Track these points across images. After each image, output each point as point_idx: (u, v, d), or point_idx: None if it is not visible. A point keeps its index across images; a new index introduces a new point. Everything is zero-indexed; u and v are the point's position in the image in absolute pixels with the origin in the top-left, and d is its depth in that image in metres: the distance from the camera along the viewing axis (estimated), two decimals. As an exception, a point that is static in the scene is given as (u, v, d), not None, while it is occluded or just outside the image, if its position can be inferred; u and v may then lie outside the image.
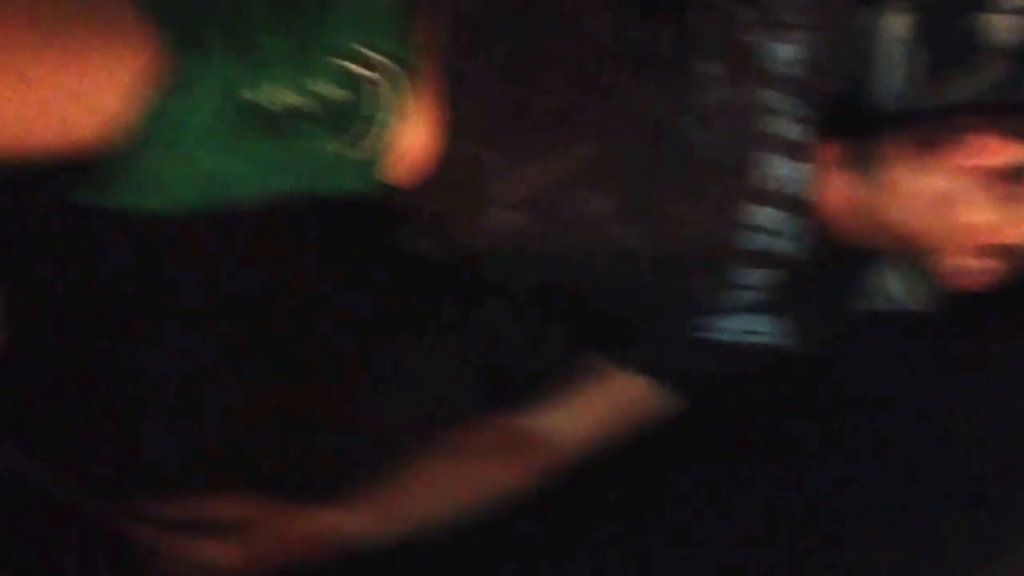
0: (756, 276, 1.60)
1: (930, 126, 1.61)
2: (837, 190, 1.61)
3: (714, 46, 1.57)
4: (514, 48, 1.49)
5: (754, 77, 1.58)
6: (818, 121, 1.62)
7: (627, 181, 1.53)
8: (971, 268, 1.60)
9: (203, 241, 1.64)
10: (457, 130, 1.47)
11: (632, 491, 1.73)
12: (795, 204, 1.59)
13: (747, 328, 1.65)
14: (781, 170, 1.58)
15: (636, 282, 1.59)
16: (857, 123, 1.68)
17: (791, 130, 1.59)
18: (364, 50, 1.37)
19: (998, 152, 1.52)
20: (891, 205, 1.57)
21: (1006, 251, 1.57)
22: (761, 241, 1.58)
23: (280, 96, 1.30)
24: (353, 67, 1.37)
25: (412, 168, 1.48)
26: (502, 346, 1.79)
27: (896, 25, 1.68)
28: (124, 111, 1.17)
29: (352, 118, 1.39)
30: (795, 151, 1.59)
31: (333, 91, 1.36)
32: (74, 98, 1.13)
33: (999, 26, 1.69)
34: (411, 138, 1.46)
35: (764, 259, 1.60)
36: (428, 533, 1.61)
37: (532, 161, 1.49)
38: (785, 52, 1.61)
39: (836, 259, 1.68)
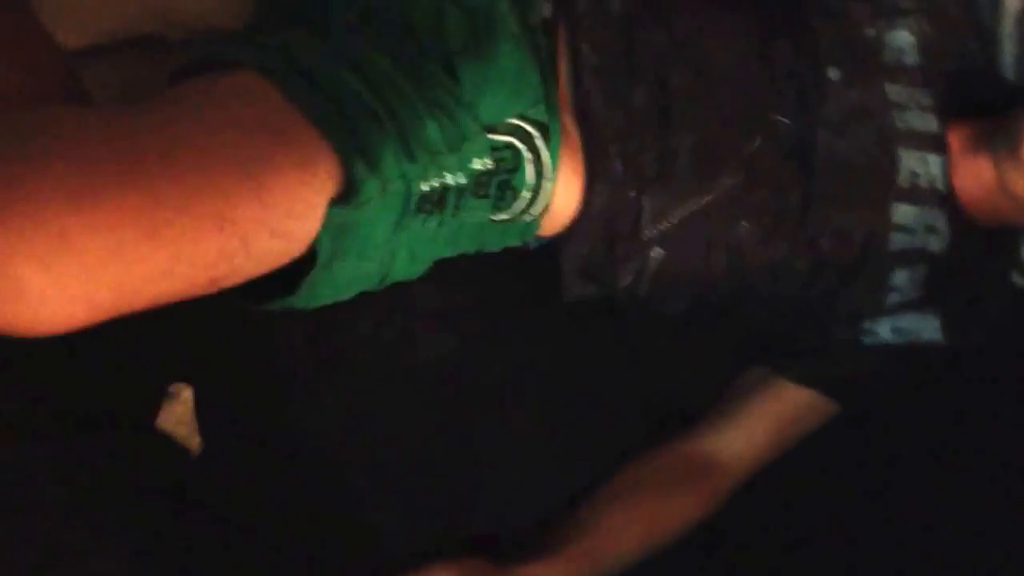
0: (908, 276, 1.61)
1: None
2: (974, 175, 1.60)
3: (836, 50, 1.59)
4: (649, 92, 1.51)
5: (877, 74, 1.60)
6: (946, 107, 1.62)
7: (774, 202, 1.54)
8: None
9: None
10: (604, 179, 1.49)
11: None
12: (939, 197, 1.59)
13: (902, 328, 1.65)
14: (922, 165, 1.59)
15: (793, 296, 1.60)
16: (983, 103, 1.67)
17: (924, 122, 1.59)
18: (516, 122, 1.40)
19: None
20: None
21: None
22: (911, 240, 1.59)
23: (447, 179, 1.32)
24: (510, 140, 1.39)
25: (564, 220, 1.51)
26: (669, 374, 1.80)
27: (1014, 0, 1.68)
28: (311, 230, 1.19)
29: (514, 188, 1.41)
30: (931, 143, 1.59)
31: (494, 165, 1.38)
32: (271, 231, 1.14)
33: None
34: (563, 193, 1.48)
35: (915, 257, 1.60)
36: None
37: (681, 199, 1.51)
38: (901, 39, 1.63)
39: (981, 245, 1.67)
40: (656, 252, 1.52)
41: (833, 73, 1.57)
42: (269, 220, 1.12)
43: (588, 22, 1.51)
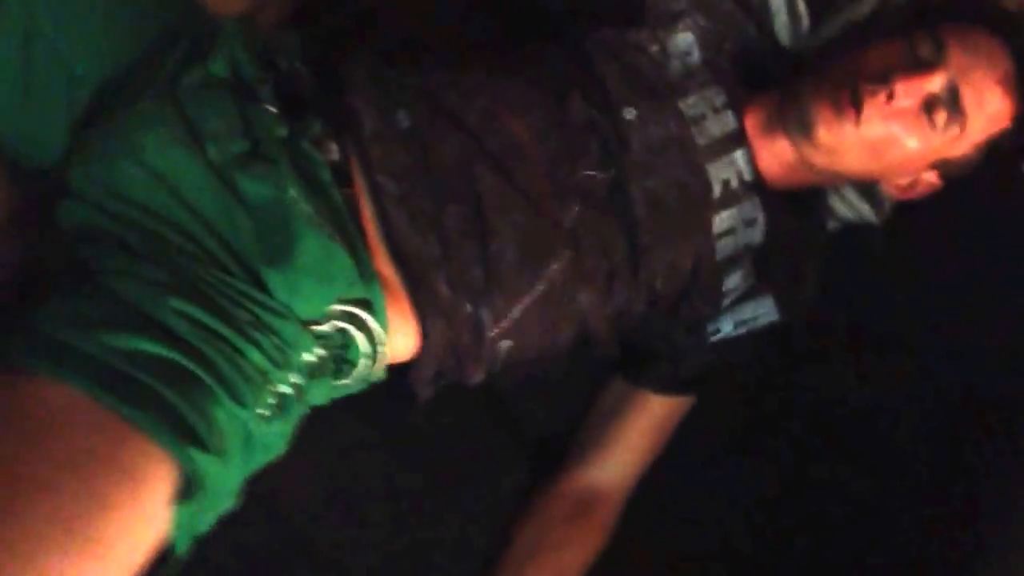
0: (739, 275, 1.64)
1: (832, 60, 1.63)
2: (776, 156, 1.63)
3: (625, 89, 1.58)
4: (459, 209, 1.48)
5: (669, 98, 1.59)
6: (737, 94, 1.64)
7: (605, 264, 1.55)
8: (917, 183, 1.67)
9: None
10: (435, 311, 1.48)
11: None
12: (749, 187, 1.62)
13: (740, 319, 1.69)
14: (729, 167, 1.61)
15: (639, 328, 1.63)
16: (768, 73, 1.70)
17: (722, 123, 1.61)
18: (337, 307, 1.38)
19: (907, 90, 1.53)
20: (831, 161, 1.60)
21: (945, 164, 1.63)
22: (735, 241, 1.62)
23: (281, 389, 1.33)
24: (335, 324, 1.38)
25: (408, 354, 1.50)
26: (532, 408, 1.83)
27: None
28: (160, 535, 1.20)
29: (350, 361, 1.41)
30: (733, 140, 1.61)
31: (325, 352, 1.38)
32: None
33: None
34: (400, 338, 1.47)
35: (741, 256, 1.64)
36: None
37: (517, 296, 1.51)
38: (683, 40, 1.64)
39: (793, 215, 1.71)
40: (504, 344, 1.52)
41: (629, 113, 1.57)
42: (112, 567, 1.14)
43: (378, 150, 1.46)
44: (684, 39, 1.63)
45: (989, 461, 1.72)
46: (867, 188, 1.75)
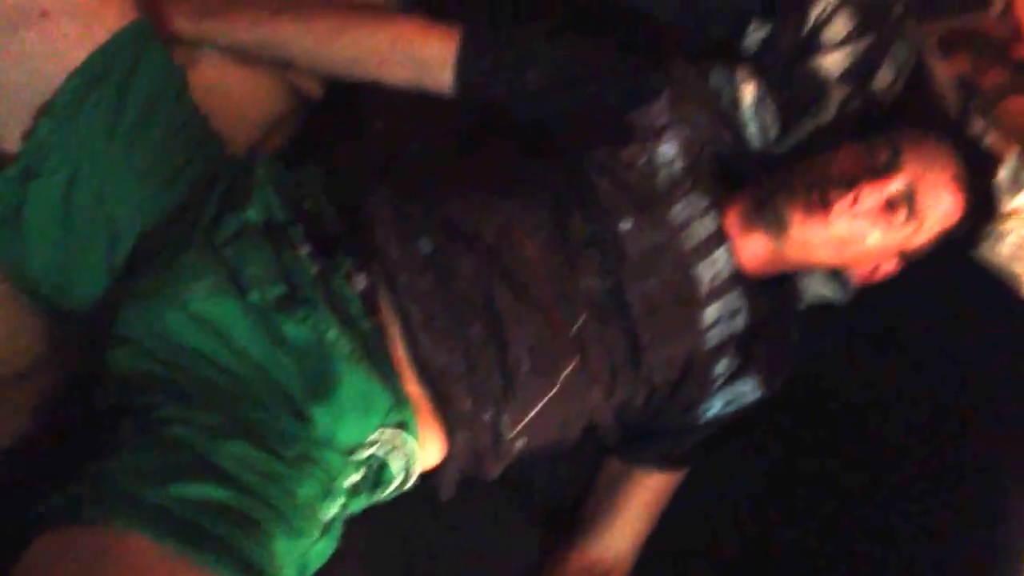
0: (726, 361, 1.79)
1: (801, 162, 1.78)
2: (754, 250, 1.77)
3: (620, 203, 1.71)
4: (482, 325, 1.60)
5: (659, 206, 1.73)
6: (717, 195, 1.78)
7: (609, 363, 1.68)
8: (878, 269, 1.82)
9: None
10: (460, 424, 1.60)
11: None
12: (732, 280, 1.76)
13: (729, 399, 1.83)
14: (713, 266, 1.74)
15: (636, 417, 1.78)
16: (743, 174, 1.84)
17: (705, 225, 1.75)
18: (376, 435, 1.50)
19: (871, 193, 1.69)
20: (803, 254, 1.75)
21: (903, 253, 1.79)
22: (722, 331, 1.76)
23: (328, 514, 1.46)
24: (374, 449, 1.51)
25: (433, 463, 1.62)
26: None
27: (747, 91, 1.83)
28: None
29: (386, 479, 1.53)
30: (716, 240, 1.75)
31: (364, 473, 1.51)
32: None
33: (828, 61, 1.85)
34: (428, 451, 1.59)
35: (728, 343, 1.78)
36: None
37: (532, 400, 1.64)
38: (668, 150, 1.77)
39: (770, 298, 1.85)
40: (519, 444, 1.65)
41: (624, 225, 1.70)
42: None
43: (404, 278, 1.58)
44: (668, 149, 1.76)
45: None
46: (833, 273, 1.90)
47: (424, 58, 1.79)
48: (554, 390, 1.64)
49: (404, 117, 1.81)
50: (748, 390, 1.82)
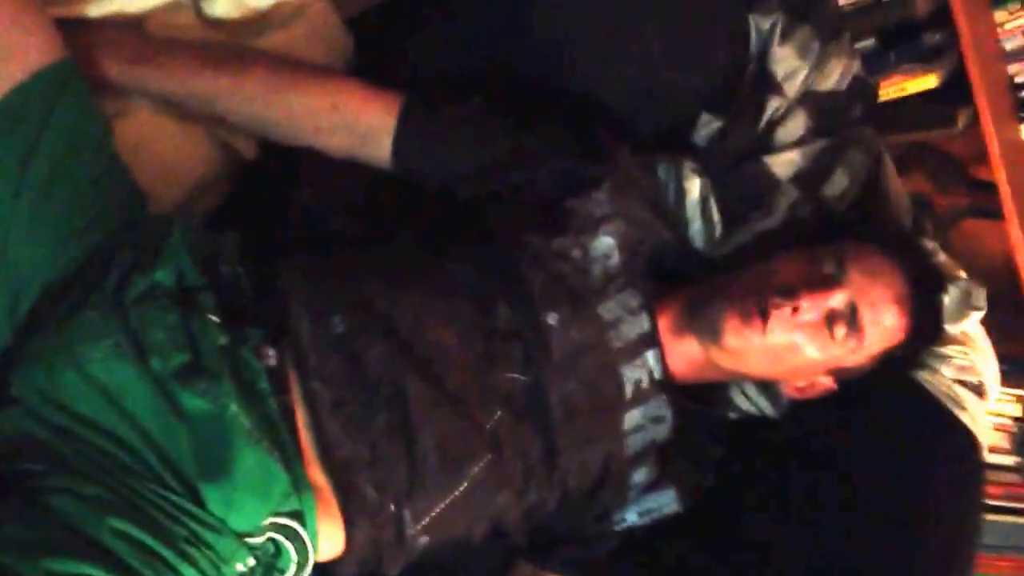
0: (645, 469, 1.71)
1: (742, 267, 1.72)
2: (685, 356, 1.70)
3: (549, 296, 1.63)
4: (389, 415, 1.53)
5: (589, 304, 1.65)
6: (651, 295, 1.70)
7: (522, 465, 1.60)
8: (813, 385, 1.74)
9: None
10: (362, 514, 1.52)
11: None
12: (659, 386, 1.68)
13: (645, 510, 1.75)
14: (641, 368, 1.67)
15: (547, 521, 1.69)
16: (682, 274, 1.77)
17: (636, 325, 1.67)
18: (271, 520, 1.42)
19: (811, 305, 1.61)
20: (736, 364, 1.67)
21: (840, 371, 1.71)
22: (643, 437, 1.68)
23: None
24: (268, 536, 1.42)
25: (332, 555, 1.54)
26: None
27: (693, 187, 1.76)
28: None
29: (280, 569, 1.45)
30: (645, 341, 1.67)
31: (257, 561, 1.42)
32: None
33: (779, 161, 1.79)
34: (327, 542, 1.51)
35: (648, 451, 1.70)
36: None
37: (438, 495, 1.56)
38: (604, 244, 1.70)
39: (696, 408, 1.77)
40: (422, 540, 1.57)
41: (551, 319, 1.62)
42: None
43: (314, 357, 1.50)
44: (605, 242, 1.69)
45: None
46: (766, 386, 1.82)
47: (362, 128, 1.72)
48: (462, 487, 1.56)
49: (334, 188, 1.73)
50: (665, 503, 1.75)
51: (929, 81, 2.34)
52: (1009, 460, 2.52)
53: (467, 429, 1.56)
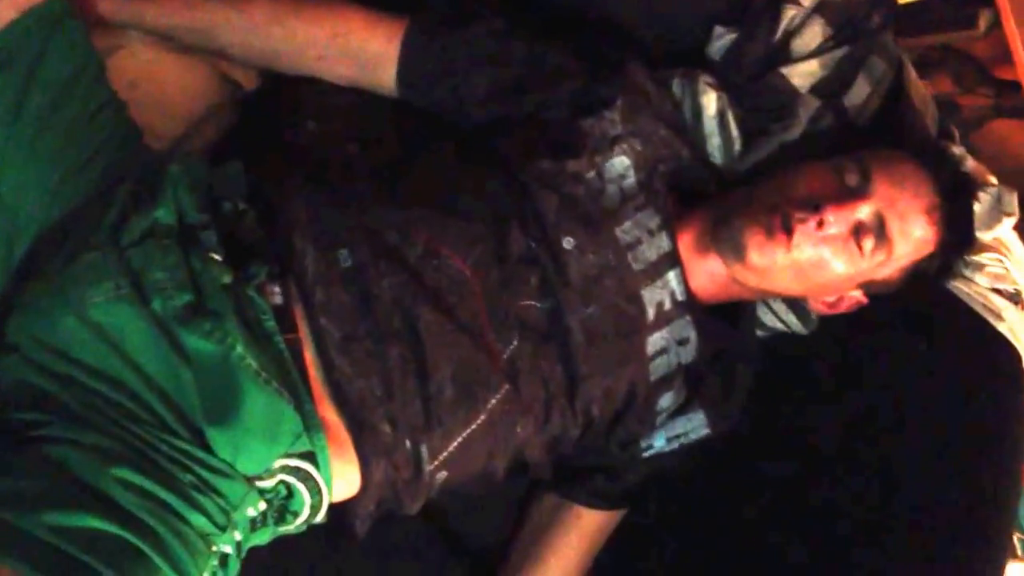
0: (671, 394, 1.64)
1: (764, 181, 1.64)
2: (709, 274, 1.63)
3: (564, 219, 1.56)
4: (400, 348, 1.46)
5: (606, 226, 1.58)
6: (670, 215, 1.63)
7: (542, 395, 1.54)
8: (842, 300, 1.67)
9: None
10: (378, 451, 1.46)
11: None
12: (683, 306, 1.62)
13: (673, 435, 1.69)
14: (663, 290, 1.60)
15: (571, 450, 1.63)
16: (702, 191, 1.70)
17: (656, 247, 1.60)
18: (282, 462, 1.37)
19: (837, 217, 1.54)
20: (762, 281, 1.60)
21: (870, 284, 1.64)
22: (667, 361, 1.62)
23: (224, 549, 1.33)
24: (280, 479, 1.37)
25: (349, 495, 1.48)
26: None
27: (710, 101, 1.68)
28: None
29: (293, 511, 1.40)
30: (667, 262, 1.61)
31: (267, 505, 1.37)
32: None
33: (798, 72, 1.70)
34: (342, 482, 1.45)
35: (674, 375, 1.64)
36: None
37: (455, 430, 1.50)
38: (619, 164, 1.62)
39: (724, 326, 1.71)
40: (440, 475, 1.51)
41: (567, 243, 1.55)
42: None
43: (321, 293, 1.43)
44: (620, 162, 1.62)
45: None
46: (794, 302, 1.75)
47: (366, 55, 1.65)
48: (479, 420, 1.50)
49: (339, 118, 1.66)
50: (694, 427, 1.69)
51: (951, -18, 2.24)
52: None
53: (483, 359, 1.49)
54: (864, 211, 1.55)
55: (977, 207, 1.74)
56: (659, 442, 1.68)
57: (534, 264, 1.53)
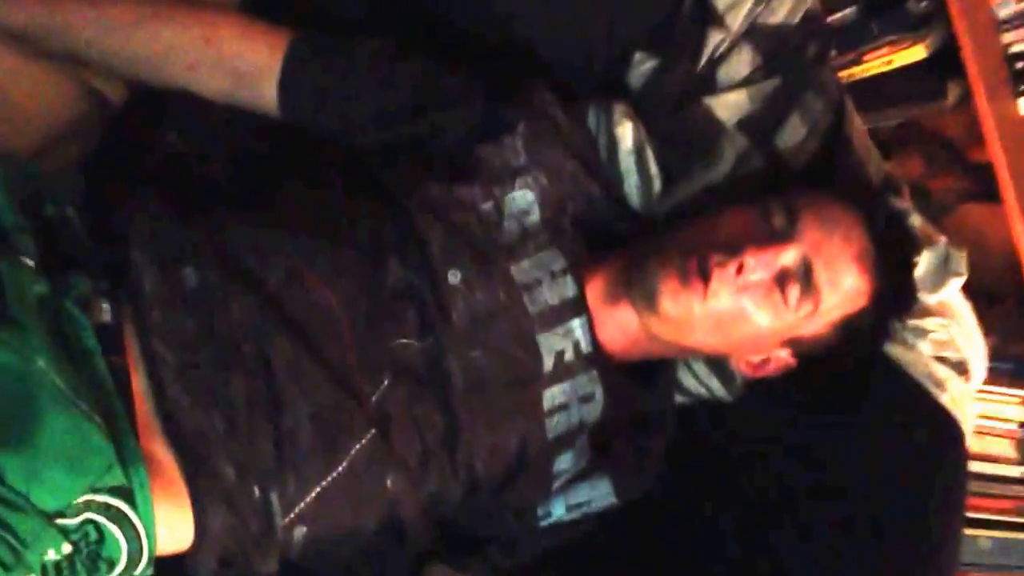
0: (571, 455, 1.45)
1: (683, 225, 1.47)
2: (620, 326, 1.46)
3: (451, 251, 1.39)
4: (246, 377, 1.28)
5: (498, 262, 1.41)
6: (578, 259, 1.46)
7: (418, 445, 1.35)
8: (769, 360, 1.49)
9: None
10: (216, 497, 1.26)
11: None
12: (588, 360, 1.44)
13: (575, 503, 1.50)
14: (565, 339, 1.42)
15: (458, 516, 1.42)
16: (614, 236, 1.52)
17: (558, 291, 1.43)
18: (89, 498, 1.16)
19: (758, 262, 1.36)
20: (677, 334, 1.42)
21: (798, 342, 1.46)
22: (568, 419, 1.43)
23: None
24: (87, 517, 1.17)
25: (183, 547, 1.27)
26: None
27: (625, 132, 1.50)
28: None
29: (107, 558, 1.19)
30: (570, 308, 1.43)
31: (73, 548, 1.16)
32: None
33: (723, 103, 1.53)
34: (172, 532, 1.25)
35: (575, 434, 1.45)
36: None
37: (313, 478, 1.30)
38: (522, 199, 1.46)
39: (636, 388, 1.52)
40: (299, 531, 1.31)
41: (453, 276, 1.38)
42: None
43: (158, 313, 1.26)
44: (523, 197, 1.45)
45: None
46: (717, 363, 1.55)
47: (244, 67, 1.47)
48: (341, 468, 1.30)
49: (206, 133, 1.48)
50: (599, 495, 1.50)
51: (916, 53, 2.12)
52: (1016, 471, 2.19)
53: (347, 400, 1.31)
54: (789, 256, 1.38)
55: (922, 266, 1.55)
56: (558, 510, 1.49)
57: (413, 299, 1.36)
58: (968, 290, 1.64)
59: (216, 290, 1.28)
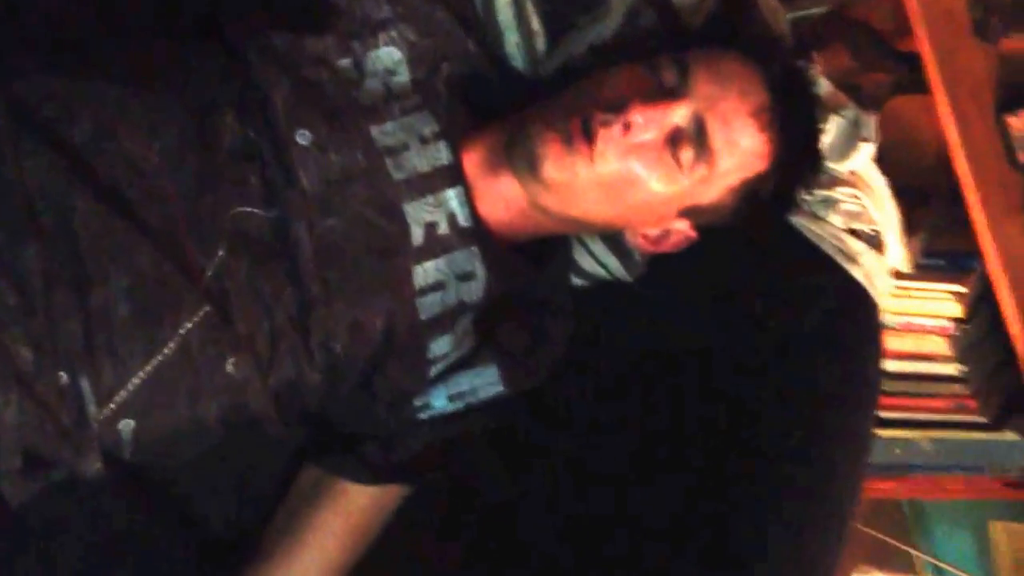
0: (449, 339, 1.28)
1: (571, 84, 1.29)
2: (501, 197, 1.29)
3: (298, 108, 1.22)
4: (42, 245, 1.09)
5: (356, 122, 1.24)
6: (453, 124, 1.29)
7: (264, 324, 1.17)
8: (668, 233, 1.33)
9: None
10: (8, 380, 1.07)
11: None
12: (466, 235, 1.27)
13: (457, 392, 1.33)
14: (437, 209, 1.26)
15: (323, 406, 1.25)
16: (496, 102, 1.35)
17: (429, 157, 1.26)
18: None
19: (646, 121, 1.20)
20: (565, 204, 1.26)
21: (696, 211, 1.29)
22: (443, 298, 1.27)
23: None
24: None
25: None
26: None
27: None
28: None
29: None
30: (444, 177, 1.26)
31: None
32: None
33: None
34: None
35: (453, 316, 1.28)
36: None
37: (132, 362, 1.12)
38: (387, 57, 1.30)
39: (525, 267, 1.35)
40: (125, 425, 1.13)
41: (302, 137, 1.20)
42: None
43: None
44: (388, 55, 1.29)
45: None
46: (614, 240, 1.38)
47: None
48: (166, 350, 1.12)
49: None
50: (484, 383, 1.33)
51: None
52: (951, 368, 2.04)
53: (173, 273, 1.12)
54: (680, 113, 1.23)
55: (830, 134, 1.40)
56: (439, 401, 1.32)
57: (253, 160, 1.18)
58: (898, 189, 1.49)
59: (4, 142, 1.10)
